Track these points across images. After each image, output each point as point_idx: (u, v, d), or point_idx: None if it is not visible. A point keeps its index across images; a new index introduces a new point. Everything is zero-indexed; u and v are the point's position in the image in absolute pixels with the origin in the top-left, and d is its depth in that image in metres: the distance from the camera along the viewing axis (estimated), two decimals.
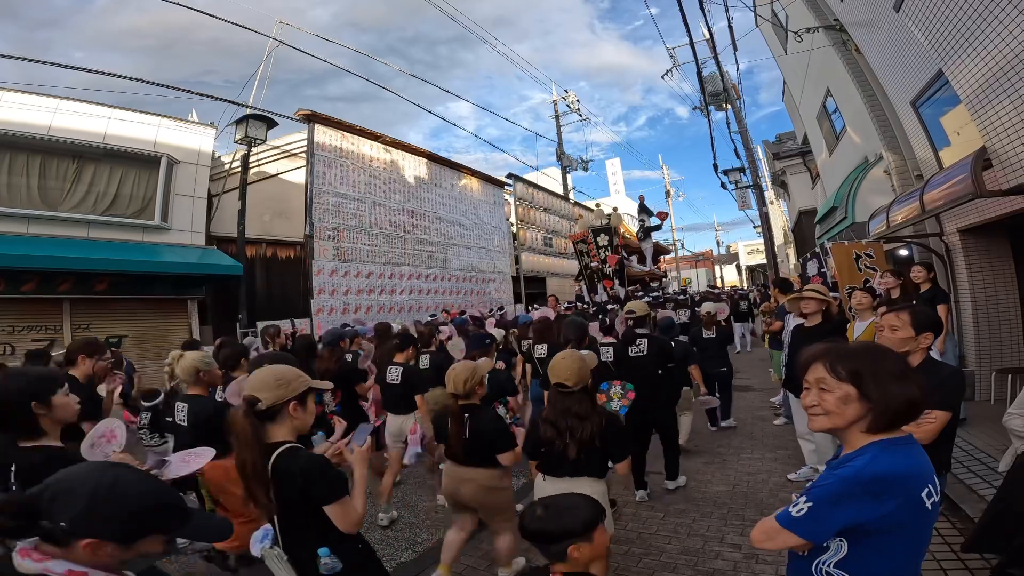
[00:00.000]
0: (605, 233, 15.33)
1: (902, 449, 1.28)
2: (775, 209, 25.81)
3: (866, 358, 1.32)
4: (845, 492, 1.23)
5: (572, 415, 2.66)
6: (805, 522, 1.26)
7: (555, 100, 23.93)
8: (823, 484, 1.29)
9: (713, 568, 3.20)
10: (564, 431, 2.65)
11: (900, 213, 6.14)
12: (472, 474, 2.97)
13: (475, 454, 2.94)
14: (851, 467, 1.26)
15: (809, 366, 1.38)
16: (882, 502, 1.21)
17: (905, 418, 1.29)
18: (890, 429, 1.29)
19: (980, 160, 4.79)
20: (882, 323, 2.62)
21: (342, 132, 12.23)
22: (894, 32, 6.26)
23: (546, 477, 2.77)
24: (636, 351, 4.49)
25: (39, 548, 1.11)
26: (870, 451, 1.27)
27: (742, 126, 16.20)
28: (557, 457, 2.68)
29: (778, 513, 1.33)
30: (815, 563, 1.33)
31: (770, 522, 1.34)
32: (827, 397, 1.32)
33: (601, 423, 2.66)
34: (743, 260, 50.59)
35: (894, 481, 1.22)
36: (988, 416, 5.01)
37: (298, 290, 11.97)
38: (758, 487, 4.43)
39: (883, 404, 1.26)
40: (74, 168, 9.43)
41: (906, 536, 1.27)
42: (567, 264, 21.96)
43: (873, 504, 1.21)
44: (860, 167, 8.95)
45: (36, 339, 8.75)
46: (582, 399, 2.72)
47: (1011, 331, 6.12)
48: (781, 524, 1.30)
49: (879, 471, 1.22)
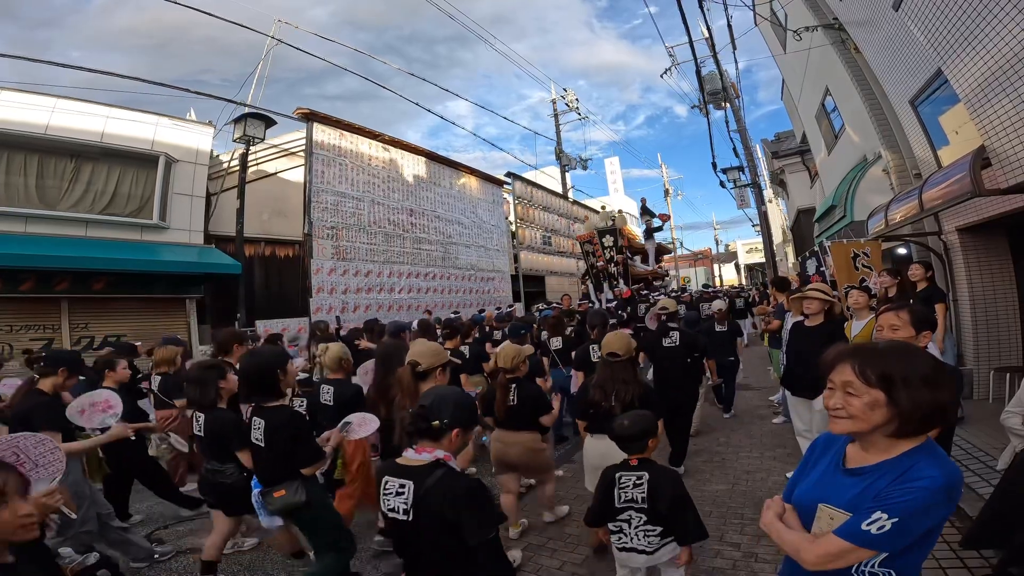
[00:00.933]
0: (610, 234, 15.71)
1: (942, 452, 1.29)
2: (774, 208, 25.84)
3: (898, 361, 1.27)
4: (934, 502, 1.21)
5: (619, 380, 3.27)
6: (892, 538, 1.20)
7: (554, 99, 23.93)
8: (904, 499, 1.21)
9: (712, 567, 3.20)
10: (611, 393, 3.24)
11: (899, 212, 6.15)
12: (519, 437, 3.55)
13: (521, 419, 3.51)
14: (933, 478, 1.21)
15: (835, 366, 1.33)
16: (953, 505, 1.25)
17: (932, 424, 1.26)
18: (916, 434, 1.27)
19: (979, 159, 4.79)
20: (881, 323, 2.63)
21: (341, 131, 12.22)
22: (893, 31, 6.26)
23: (593, 435, 3.34)
24: (669, 342, 5.03)
25: (422, 446, 1.85)
26: (930, 459, 1.25)
27: (741, 125, 16.22)
28: (603, 417, 3.18)
29: (843, 530, 1.26)
30: (856, 565, 1.29)
31: (835, 543, 1.26)
32: (853, 401, 1.27)
33: (640, 389, 3.27)
34: (742, 259, 50.62)
35: (960, 485, 1.26)
36: (987, 415, 5.02)
37: (297, 289, 11.97)
38: (757, 486, 4.44)
39: (911, 411, 1.23)
40: (72, 167, 9.41)
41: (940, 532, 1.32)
42: (566, 263, 21.96)
43: (947, 509, 1.24)
44: (859, 166, 8.96)
45: (34, 339, 8.75)
46: (627, 367, 3.34)
47: (1009, 330, 6.12)
48: (857, 543, 1.23)
49: (958, 477, 1.25)
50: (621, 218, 17.20)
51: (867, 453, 1.33)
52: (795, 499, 1.46)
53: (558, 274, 21.23)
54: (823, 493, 1.39)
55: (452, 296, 15.23)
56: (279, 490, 2.64)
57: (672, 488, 2.41)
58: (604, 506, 2.52)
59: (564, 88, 23.93)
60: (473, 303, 15.48)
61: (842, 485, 1.35)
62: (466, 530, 1.70)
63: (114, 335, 9.43)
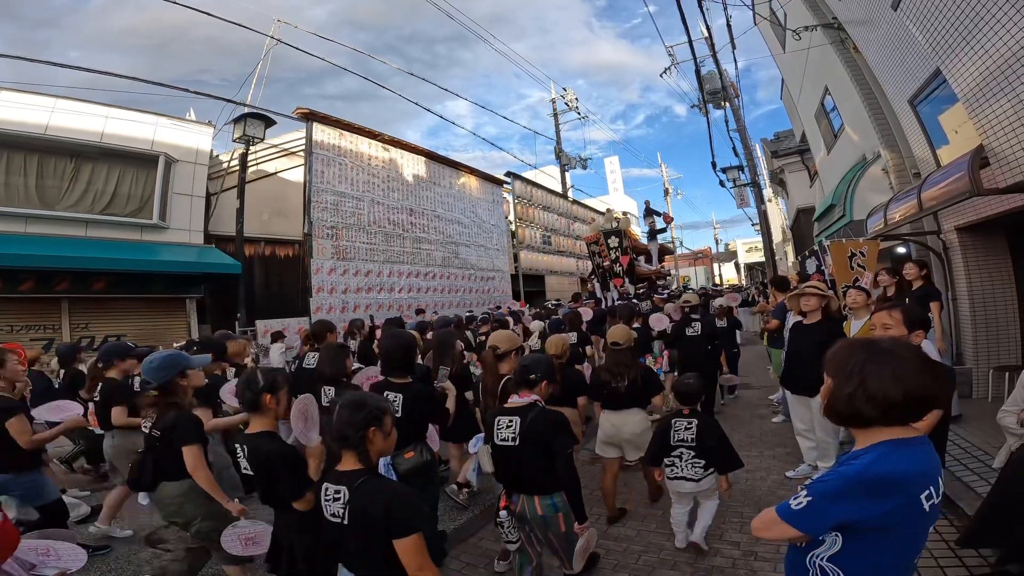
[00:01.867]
0: (616, 235, 16.53)
1: (910, 450, 1.27)
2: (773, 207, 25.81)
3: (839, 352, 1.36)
4: (845, 489, 1.24)
5: (623, 364, 3.83)
6: (803, 515, 1.28)
7: (554, 98, 23.95)
8: (825, 480, 1.30)
9: (712, 565, 3.21)
10: (616, 375, 3.80)
11: (898, 211, 6.16)
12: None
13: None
14: (854, 465, 1.26)
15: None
16: (879, 503, 1.21)
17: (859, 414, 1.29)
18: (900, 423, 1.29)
19: (978, 158, 4.80)
20: (874, 322, 2.65)
21: (340, 130, 12.23)
22: (892, 31, 6.27)
23: (605, 411, 3.93)
24: (692, 331, 5.95)
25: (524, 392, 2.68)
26: (877, 450, 1.27)
27: (740, 124, 16.21)
28: (613, 395, 3.82)
29: (779, 505, 1.35)
30: (809, 556, 1.34)
31: (770, 513, 1.36)
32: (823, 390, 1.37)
33: (641, 369, 3.89)
34: (742, 258, 50.63)
35: (894, 483, 1.22)
36: (985, 414, 5.02)
37: (297, 288, 11.99)
38: (756, 484, 4.45)
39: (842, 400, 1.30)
40: (72, 167, 9.42)
41: (901, 536, 1.27)
42: (565, 262, 21.98)
43: (871, 503, 1.22)
44: (858, 165, 8.96)
45: (34, 339, 8.76)
46: (627, 353, 3.91)
47: (1008, 329, 6.13)
48: (780, 516, 1.32)
49: (881, 472, 1.23)
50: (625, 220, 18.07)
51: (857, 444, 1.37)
52: None
53: (558, 273, 21.25)
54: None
55: (452, 296, 15.24)
56: (409, 451, 3.00)
57: (717, 430, 3.33)
58: (660, 447, 3.41)
59: (564, 88, 23.97)
60: (473, 303, 15.49)
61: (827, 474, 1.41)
62: (556, 445, 2.50)
63: (114, 335, 9.44)
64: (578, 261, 23.14)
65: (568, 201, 23.36)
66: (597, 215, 25.13)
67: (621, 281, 15.70)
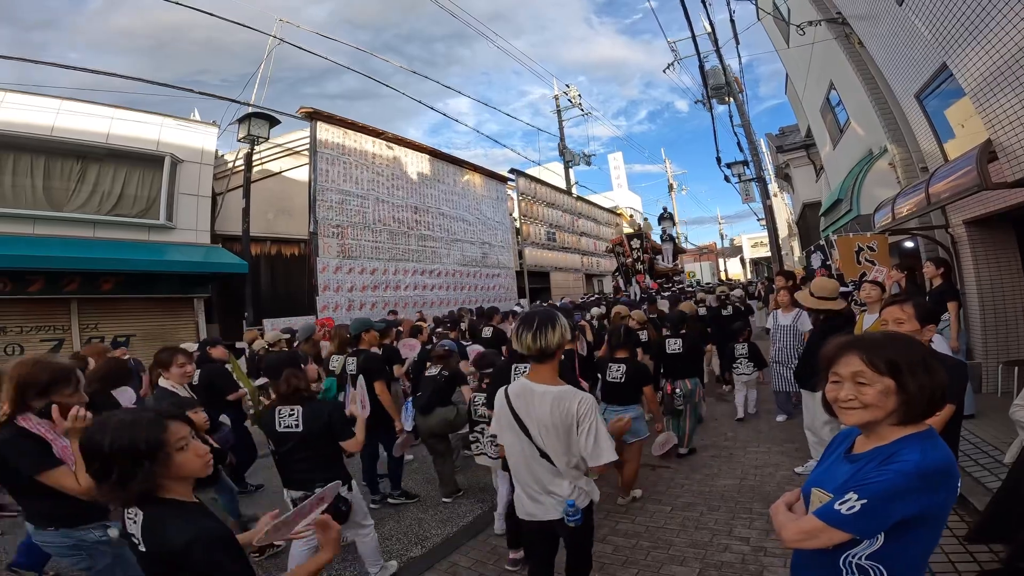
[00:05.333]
0: (637, 238, 18.73)
1: (939, 441, 1.28)
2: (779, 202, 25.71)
3: (900, 349, 1.31)
4: (905, 487, 1.21)
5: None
6: (859, 519, 1.22)
7: (556, 95, 23.93)
8: (877, 480, 1.24)
9: (721, 561, 3.22)
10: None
11: (905, 205, 6.13)
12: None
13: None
14: (908, 462, 1.23)
15: (839, 359, 1.36)
16: (937, 494, 1.22)
17: (934, 407, 1.28)
18: (920, 419, 1.29)
19: (985, 153, 4.78)
20: (885, 316, 2.62)
21: (344, 129, 12.25)
22: (897, 25, 6.24)
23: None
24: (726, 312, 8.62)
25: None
26: (917, 443, 1.26)
27: (745, 119, 16.17)
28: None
29: (819, 510, 1.30)
30: (844, 556, 1.30)
31: (810, 521, 1.30)
32: (867, 391, 1.29)
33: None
34: (747, 253, 50.44)
35: (948, 473, 1.23)
36: (995, 409, 5.01)
37: (303, 287, 12.04)
38: (765, 480, 4.45)
39: (919, 396, 1.25)
40: (78, 168, 9.46)
41: (938, 525, 1.28)
42: (570, 258, 21.96)
43: (930, 496, 1.21)
44: (864, 159, 8.92)
45: (44, 339, 8.82)
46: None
47: (1017, 323, 6.10)
48: (829, 523, 1.26)
49: (939, 464, 1.22)
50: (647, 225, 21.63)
51: (868, 440, 1.36)
52: (803, 488, 1.50)
53: (563, 270, 21.24)
54: (822, 479, 1.44)
55: (458, 293, 15.27)
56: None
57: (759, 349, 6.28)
58: (728, 360, 6.56)
59: (567, 84, 23.96)
60: (479, 299, 15.52)
61: (839, 471, 1.39)
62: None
63: (123, 335, 9.51)
64: (583, 257, 23.12)
65: (572, 197, 23.34)
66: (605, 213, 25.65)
67: (642, 277, 17.68)
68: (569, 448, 2.14)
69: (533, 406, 2.18)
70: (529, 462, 2.21)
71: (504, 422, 2.28)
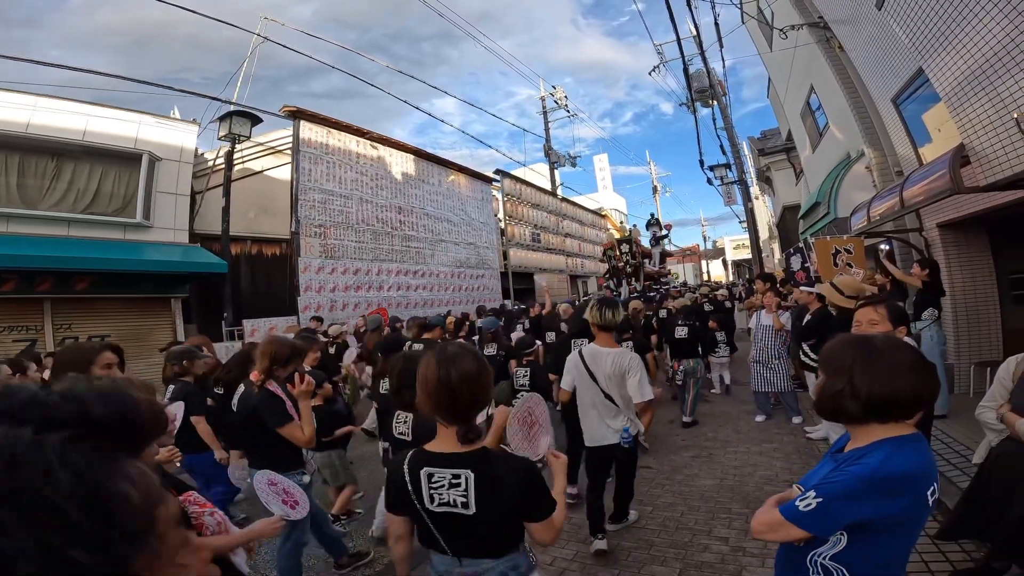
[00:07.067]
0: (627, 243, 19.40)
1: (914, 447, 1.28)
2: (760, 205, 26.05)
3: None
4: (858, 490, 1.23)
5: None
6: (813, 517, 1.26)
7: (543, 96, 23.94)
8: (834, 480, 1.28)
9: (701, 561, 3.24)
10: None
11: (880, 208, 6.23)
12: None
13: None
14: (865, 465, 1.25)
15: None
16: (893, 500, 1.22)
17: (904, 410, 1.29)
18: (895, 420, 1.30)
19: (958, 157, 4.87)
20: (859, 318, 2.66)
21: (328, 128, 12.14)
22: (876, 30, 6.34)
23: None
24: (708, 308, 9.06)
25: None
26: (884, 448, 1.27)
27: (728, 122, 16.33)
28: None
29: (783, 505, 1.33)
30: (810, 555, 1.33)
31: (773, 514, 1.34)
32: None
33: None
34: (729, 255, 50.97)
35: (907, 480, 1.23)
36: (968, 409, 5.06)
37: (284, 287, 11.89)
38: (744, 480, 4.49)
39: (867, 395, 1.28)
40: (53, 166, 9.24)
41: (906, 531, 1.29)
42: (555, 259, 22.00)
43: (885, 502, 1.22)
44: (842, 163, 9.06)
45: (17, 340, 8.61)
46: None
47: (989, 324, 6.24)
48: (786, 517, 1.30)
49: (895, 470, 1.23)
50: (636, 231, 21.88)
51: (854, 440, 1.37)
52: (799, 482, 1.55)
53: (547, 271, 21.26)
54: (807, 477, 1.48)
55: (442, 293, 15.21)
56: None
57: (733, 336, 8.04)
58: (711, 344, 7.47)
59: (553, 85, 24.01)
60: (463, 300, 15.47)
61: (823, 469, 1.42)
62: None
63: (98, 335, 9.30)
64: (567, 259, 23.17)
65: (557, 199, 23.37)
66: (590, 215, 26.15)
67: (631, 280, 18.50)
68: (623, 391, 3.23)
69: (600, 363, 3.27)
70: (596, 403, 3.31)
71: (577, 375, 3.36)
